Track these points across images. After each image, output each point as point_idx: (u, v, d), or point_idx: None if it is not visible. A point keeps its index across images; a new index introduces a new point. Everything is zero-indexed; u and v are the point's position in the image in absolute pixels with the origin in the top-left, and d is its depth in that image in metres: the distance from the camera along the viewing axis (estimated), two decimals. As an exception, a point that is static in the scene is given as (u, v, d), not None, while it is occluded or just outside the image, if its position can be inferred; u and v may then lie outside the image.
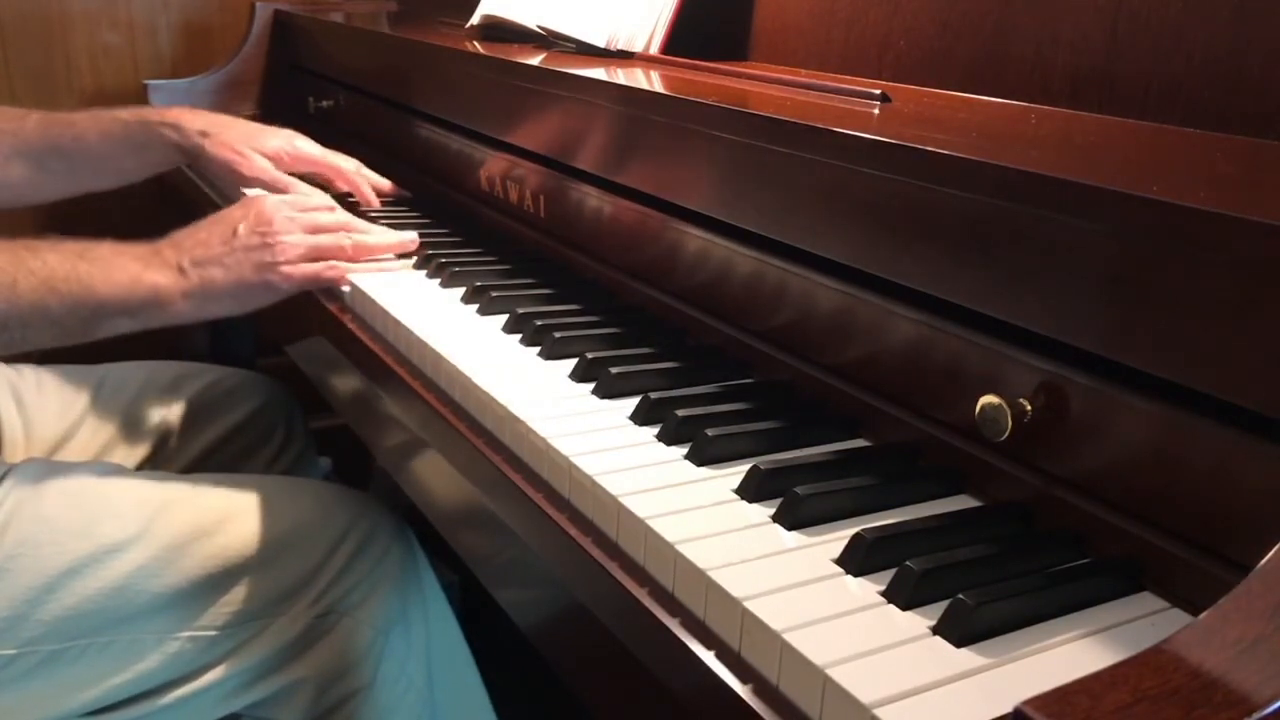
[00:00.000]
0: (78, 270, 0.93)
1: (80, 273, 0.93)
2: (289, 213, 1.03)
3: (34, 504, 0.94)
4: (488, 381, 0.79)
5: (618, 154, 0.96)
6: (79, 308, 0.93)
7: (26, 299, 0.90)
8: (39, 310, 0.91)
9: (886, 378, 0.72)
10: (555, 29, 1.26)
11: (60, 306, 0.92)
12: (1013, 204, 0.60)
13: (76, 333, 0.94)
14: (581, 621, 0.63)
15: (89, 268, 0.93)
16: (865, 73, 1.07)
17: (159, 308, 0.96)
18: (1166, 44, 0.81)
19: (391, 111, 1.44)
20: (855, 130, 0.70)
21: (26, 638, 0.90)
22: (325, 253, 1.03)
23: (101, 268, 0.94)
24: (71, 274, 0.92)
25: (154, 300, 0.96)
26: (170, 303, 0.96)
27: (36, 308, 0.91)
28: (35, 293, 0.90)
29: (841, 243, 0.73)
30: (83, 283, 0.92)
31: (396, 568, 1.06)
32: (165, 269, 0.97)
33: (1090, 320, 0.57)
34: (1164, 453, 0.55)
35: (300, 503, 1.06)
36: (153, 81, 1.78)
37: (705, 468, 0.68)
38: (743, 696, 0.51)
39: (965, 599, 0.51)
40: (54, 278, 0.91)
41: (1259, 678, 0.37)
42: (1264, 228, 0.48)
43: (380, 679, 1.03)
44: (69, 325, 0.93)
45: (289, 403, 1.35)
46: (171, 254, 0.98)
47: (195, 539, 0.98)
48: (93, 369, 1.27)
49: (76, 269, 0.93)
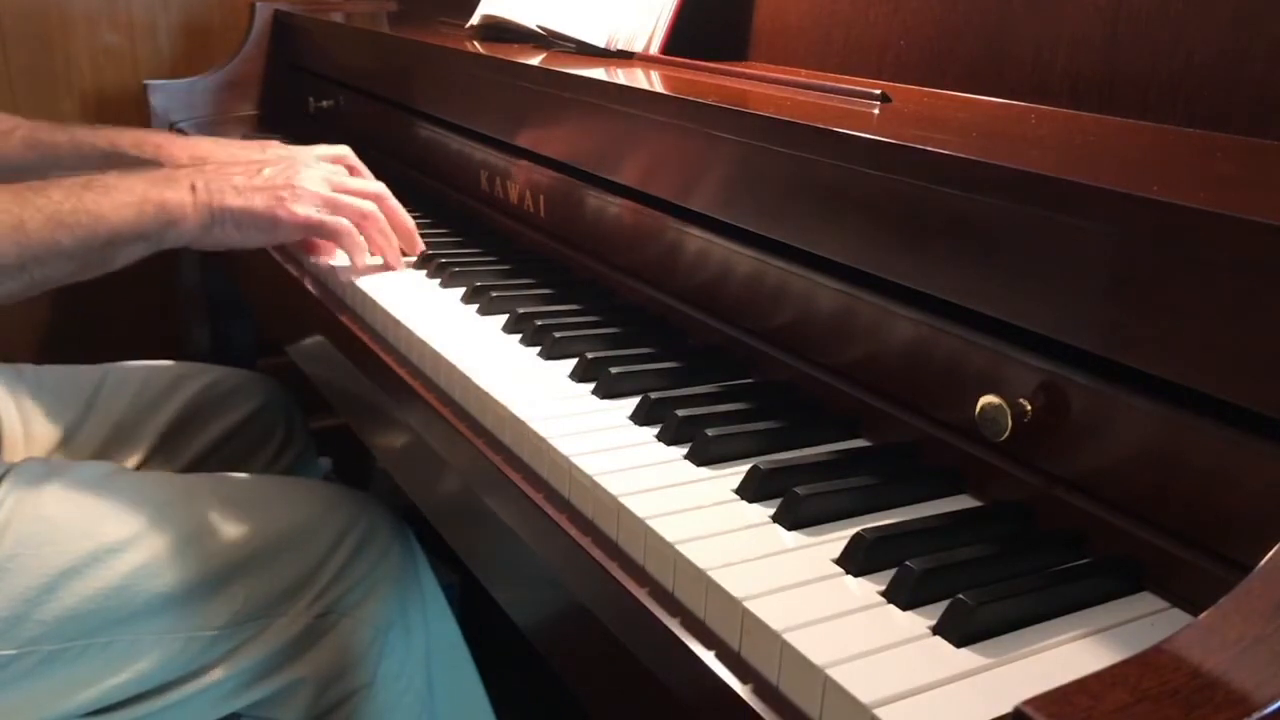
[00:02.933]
0: (84, 201, 0.92)
1: (87, 203, 0.92)
2: (319, 168, 1.04)
3: (34, 504, 0.94)
4: (488, 381, 0.79)
5: (618, 154, 0.96)
6: (91, 238, 0.92)
7: (36, 237, 0.89)
8: (51, 247, 0.90)
9: (886, 378, 0.72)
10: (555, 29, 1.26)
11: (72, 240, 0.91)
12: (1013, 204, 0.60)
13: (95, 264, 0.94)
14: (581, 621, 0.63)
15: (95, 196, 0.92)
16: (865, 73, 1.07)
17: (169, 225, 0.95)
18: (1166, 44, 0.81)
19: (391, 111, 1.44)
20: (855, 130, 0.70)
21: (26, 637, 0.90)
22: (339, 208, 1.03)
23: (108, 194, 0.93)
24: (79, 206, 0.91)
25: (164, 217, 0.95)
26: (180, 219, 0.96)
27: (48, 245, 0.90)
28: (44, 229, 0.90)
29: (841, 243, 0.73)
30: (91, 212, 0.92)
31: (396, 567, 1.06)
32: (175, 186, 0.96)
33: (1090, 320, 0.57)
34: (1164, 453, 0.55)
35: (299, 502, 1.06)
36: (153, 81, 1.78)
37: (705, 468, 0.68)
38: (743, 696, 0.51)
39: (965, 599, 0.51)
40: (61, 212, 0.90)
41: (1259, 678, 0.37)
42: (1264, 228, 0.48)
43: (380, 679, 1.03)
44: (85, 258, 0.93)
45: (289, 403, 1.35)
46: (187, 175, 0.98)
47: (195, 538, 0.98)
48: (93, 369, 1.27)
49: (83, 200, 0.92)
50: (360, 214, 1.03)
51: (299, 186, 1.01)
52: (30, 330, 1.88)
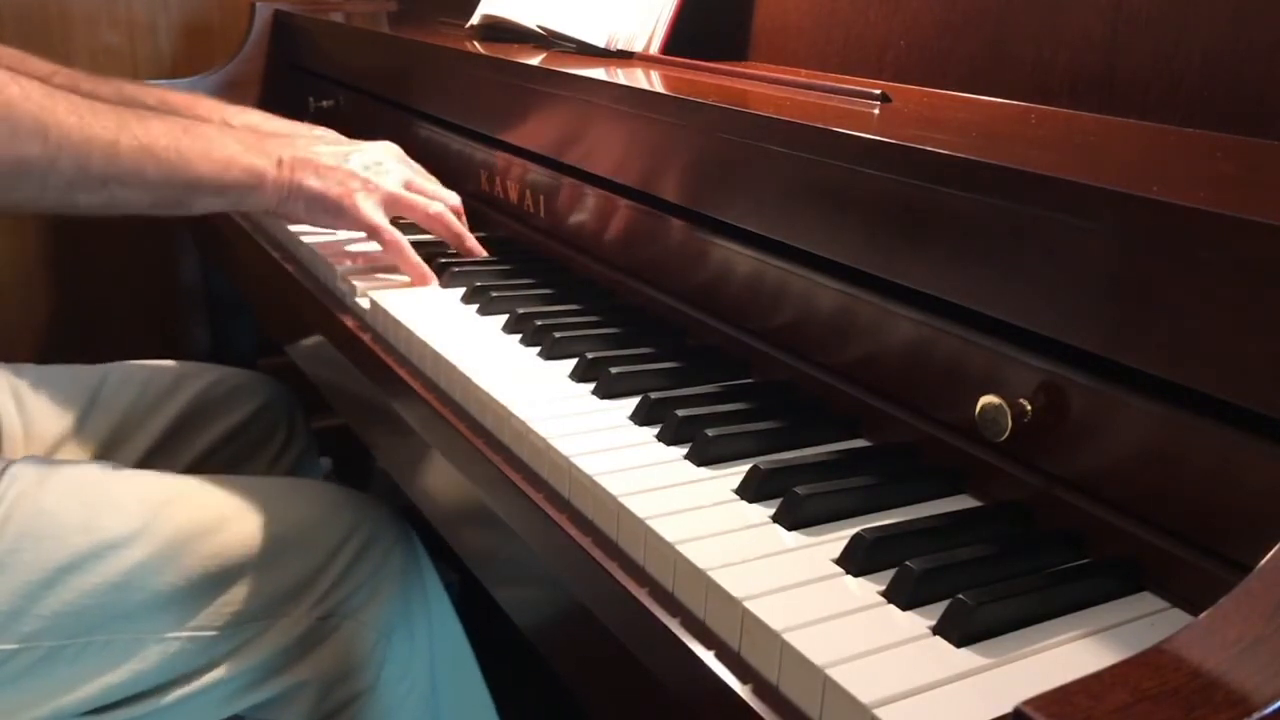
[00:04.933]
0: (179, 143, 0.96)
1: (182, 146, 0.96)
2: (402, 168, 1.10)
3: (35, 498, 0.93)
4: (488, 381, 0.79)
5: (618, 154, 0.96)
6: (174, 178, 0.96)
7: (126, 160, 0.93)
8: (136, 174, 0.94)
9: (886, 378, 0.72)
10: (555, 29, 1.26)
11: (157, 173, 0.95)
12: (1013, 204, 0.60)
13: (169, 203, 0.98)
14: (581, 621, 0.63)
15: (190, 142, 0.97)
16: (865, 73, 1.07)
17: (249, 190, 1.01)
18: (1166, 44, 0.81)
19: (391, 111, 1.44)
20: (855, 130, 0.70)
21: (26, 633, 0.90)
22: (406, 208, 1.08)
23: (203, 144, 0.98)
24: (172, 145, 0.96)
25: (246, 182, 1.01)
26: (259, 187, 1.01)
27: (134, 171, 0.94)
28: (136, 156, 0.93)
29: (841, 243, 0.73)
30: (182, 155, 0.96)
31: (399, 570, 1.06)
32: (264, 156, 1.02)
33: (1090, 320, 0.57)
34: (1164, 453, 0.55)
35: (303, 504, 1.06)
36: (153, 81, 1.77)
37: (705, 468, 0.68)
38: (743, 696, 0.51)
39: (965, 599, 0.51)
40: (155, 145, 0.95)
41: (1259, 678, 0.37)
42: (1264, 228, 0.48)
43: (383, 682, 1.03)
44: (163, 194, 0.97)
45: (290, 403, 1.35)
46: (277, 146, 1.04)
47: (196, 536, 0.98)
48: (94, 369, 1.27)
49: (179, 141, 0.96)
50: (427, 214, 1.09)
51: (374, 181, 1.06)
52: (31, 330, 1.88)
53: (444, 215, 1.09)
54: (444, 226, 1.09)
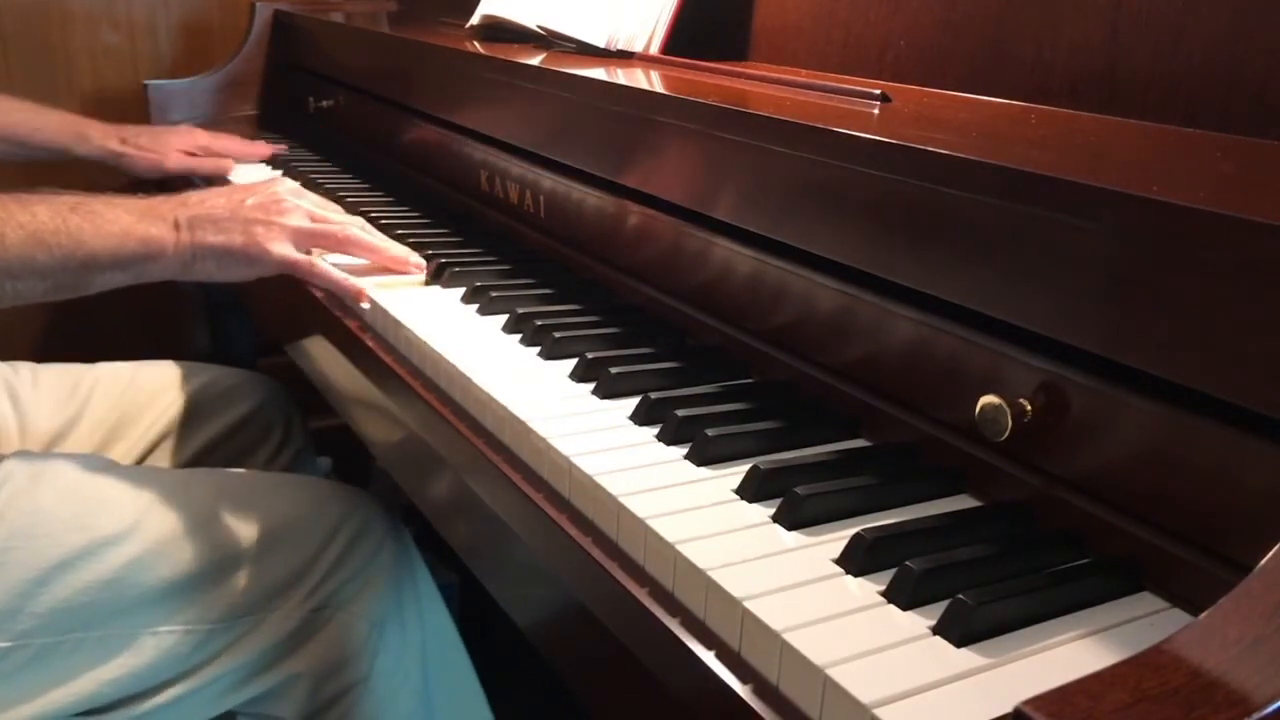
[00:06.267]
0: (68, 223, 0.92)
1: (71, 226, 0.92)
2: (300, 202, 1.04)
3: (29, 496, 0.94)
4: (488, 382, 0.79)
5: (618, 154, 0.95)
6: (69, 261, 0.92)
7: (14, 252, 0.89)
8: (27, 264, 0.90)
9: (886, 378, 0.72)
10: (555, 29, 1.26)
11: (49, 260, 0.91)
12: (1013, 204, 0.60)
13: (68, 286, 0.94)
14: (581, 621, 0.63)
15: (80, 220, 0.93)
16: (865, 73, 1.07)
17: (150, 260, 0.96)
18: (1166, 44, 0.81)
19: (391, 111, 1.44)
20: (855, 130, 0.70)
21: (20, 630, 0.90)
22: (318, 239, 1.03)
23: (93, 220, 0.93)
24: (61, 227, 0.91)
25: (144, 253, 0.95)
26: (159, 255, 0.96)
27: (25, 261, 0.90)
28: (23, 246, 0.90)
29: (841, 243, 0.73)
30: (73, 236, 0.92)
31: (390, 562, 1.06)
32: (159, 221, 0.97)
33: (1090, 320, 0.57)
34: (1164, 453, 0.55)
35: (292, 497, 1.06)
36: (153, 81, 1.77)
37: (705, 468, 0.68)
38: (743, 696, 0.51)
39: (965, 599, 0.51)
40: (43, 230, 0.91)
41: (1259, 678, 0.37)
42: (1264, 228, 0.48)
43: (376, 673, 1.03)
44: (60, 279, 0.93)
45: (287, 402, 1.35)
46: (170, 209, 0.98)
47: (189, 532, 0.98)
48: (90, 368, 1.27)
49: (67, 222, 0.92)
50: (341, 239, 1.04)
51: (278, 221, 1.01)
52: (29, 329, 1.88)
53: (358, 236, 1.04)
54: (361, 247, 1.05)
